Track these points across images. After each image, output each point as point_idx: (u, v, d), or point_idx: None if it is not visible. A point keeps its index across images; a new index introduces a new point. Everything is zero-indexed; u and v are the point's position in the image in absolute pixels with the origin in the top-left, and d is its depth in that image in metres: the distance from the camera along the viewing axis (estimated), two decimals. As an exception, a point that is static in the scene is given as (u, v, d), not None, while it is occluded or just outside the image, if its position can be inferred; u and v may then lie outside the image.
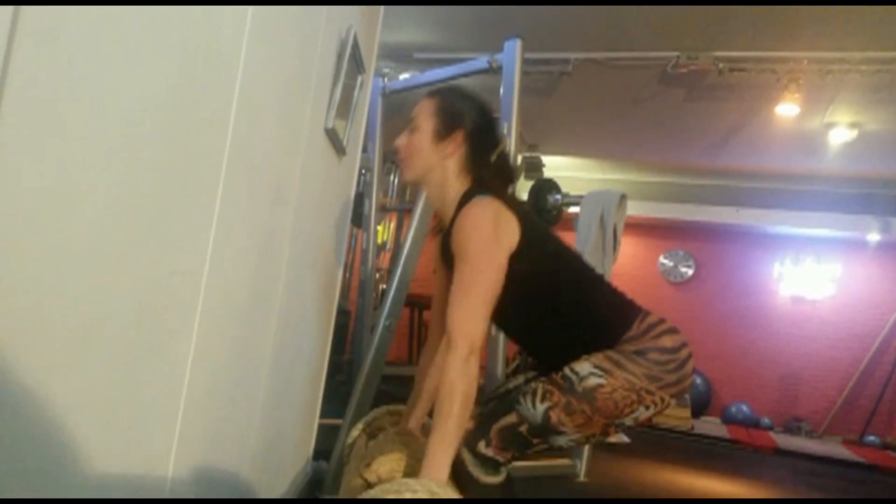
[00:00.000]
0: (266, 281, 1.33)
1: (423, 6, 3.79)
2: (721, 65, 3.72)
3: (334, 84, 1.60)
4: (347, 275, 5.66)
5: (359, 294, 3.58)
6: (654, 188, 7.02)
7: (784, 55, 3.64)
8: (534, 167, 6.27)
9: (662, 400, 1.35)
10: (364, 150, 3.35)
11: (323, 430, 2.45)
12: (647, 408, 1.35)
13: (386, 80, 3.30)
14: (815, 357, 7.10)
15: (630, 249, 7.67)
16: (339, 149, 1.80)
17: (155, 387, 0.88)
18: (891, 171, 5.59)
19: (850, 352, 7.05)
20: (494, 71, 2.91)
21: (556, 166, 6.60)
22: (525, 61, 4.16)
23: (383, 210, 4.57)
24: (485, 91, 2.62)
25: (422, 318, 7.51)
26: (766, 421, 6.87)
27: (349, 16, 1.68)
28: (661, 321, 1.41)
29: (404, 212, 6.01)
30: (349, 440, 1.66)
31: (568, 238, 2.85)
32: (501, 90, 2.91)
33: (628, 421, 1.36)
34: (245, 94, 0.99)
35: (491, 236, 1.33)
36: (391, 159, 6.21)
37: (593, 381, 1.31)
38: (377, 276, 4.87)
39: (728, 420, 6.78)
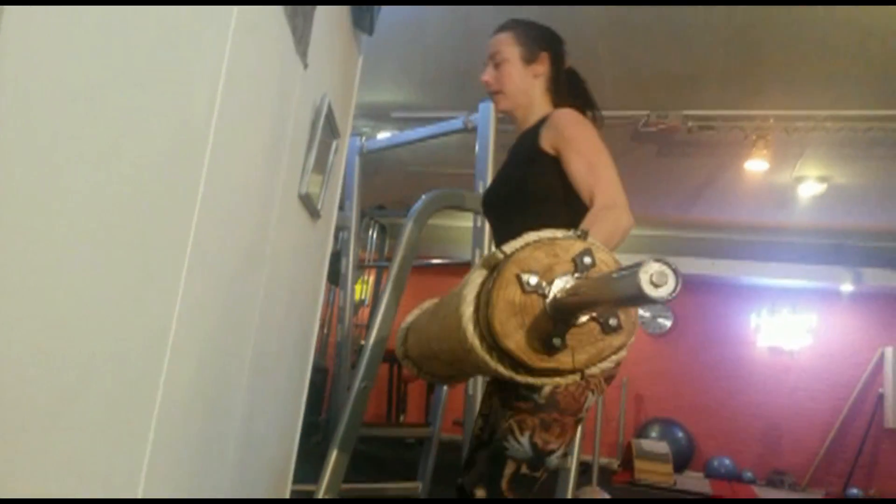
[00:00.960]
0: (234, 345, 1.30)
1: (400, 68, 3.87)
2: (690, 123, 3.82)
3: (308, 150, 1.61)
4: (325, 331, 5.60)
5: (336, 352, 3.54)
6: (632, 241, 7.03)
7: (750, 113, 3.75)
8: (511, 221, 6.33)
9: (600, 383, 1.36)
10: (341, 209, 3.37)
11: (296, 496, 2.38)
12: (593, 392, 1.35)
13: (363, 139, 3.33)
14: (795, 408, 7.10)
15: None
16: (313, 212, 1.81)
17: (115, 464, 0.85)
18: (859, 223, 5.71)
19: (829, 402, 7.06)
20: (469, 131, 2.96)
21: (533, 220, 6.66)
22: (501, 120, 4.28)
23: (361, 267, 4.56)
24: (462, 149, 2.66)
25: (401, 374, 7.42)
26: (748, 475, 6.81)
27: (324, 83, 1.70)
28: None
29: (383, 268, 6.01)
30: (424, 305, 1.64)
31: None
32: (476, 149, 2.96)
33: (581, 414, 1.36)
34: (215, 161, 0.99)
35: (590, 131, 1.43)
36: (370, 215, 6.23)
37: (547, 386, 1.28)
38: (356, 332, 4.83)
39: (711, 474, 6.72)
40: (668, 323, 7.55)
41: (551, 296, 0.97)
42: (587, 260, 0.98)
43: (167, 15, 0.83)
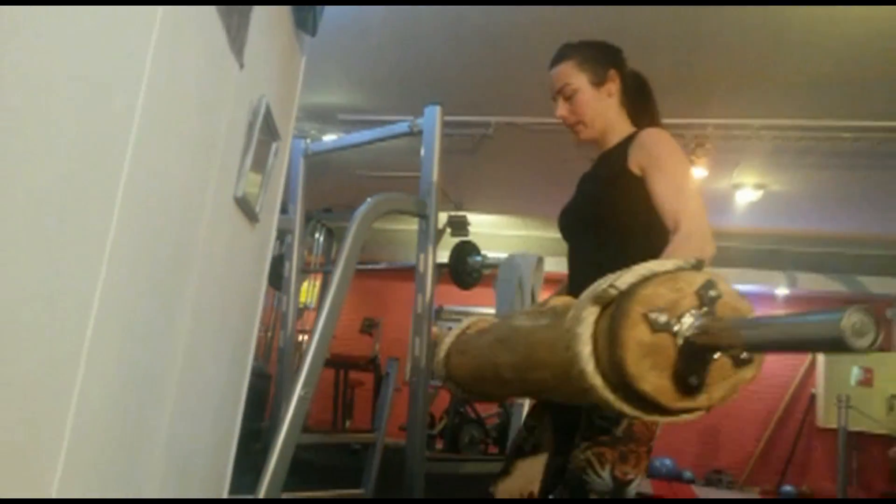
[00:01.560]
0: (160, 349, 1.26)
1: (346, 70, 3.83)
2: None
3: (244, 152, 1.56)
4: (269, 335, 5.50)
5: (278, 358, 3.47)
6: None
7: (691, 121, 3.84)
8: (459, 226, 6.34)
9: None
10: (284, 212, 3.30)
11: (234, 507, 2.32)
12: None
13: (308, 141, 3.27)
14: (733, 409, 7.30)
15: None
16: (251, 215, 1.76)
17: (27, 472, 0.81)
18: (794, 228, 5.93)
19: (765, 403, 7.30)
20: (415, 134, 2.94)
21: (481, 224, 6.69)
22: (447, 124, 4.25)
23: (307, 271, 4.48)
24: (410, 153, 2.64)
25: (347, 379, 7.33)
26: (688, 474, 6.98)
27: (262, 83, 1.66)
28: None
29: (329, 272, 5.92)
30: (462, 325, 1.63)
31: (488, 297, 2.86)
32: (422, 153, 2.94)
33: (652, 442, 1.36)
34: (137, 162, 0.95)
35: (679, 155, 1.43)
36: (316, 218, 6.15)
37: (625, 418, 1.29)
38: (299, 338, 4.75)
39: (652, 475, 6.85)
40: (613, 326, 7.67)
41: (683, 334, 0.92)
42: (713, 293, 0.95)
43: (86, 14, 0.79)
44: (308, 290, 6.28)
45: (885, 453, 6.41)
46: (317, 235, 6.34)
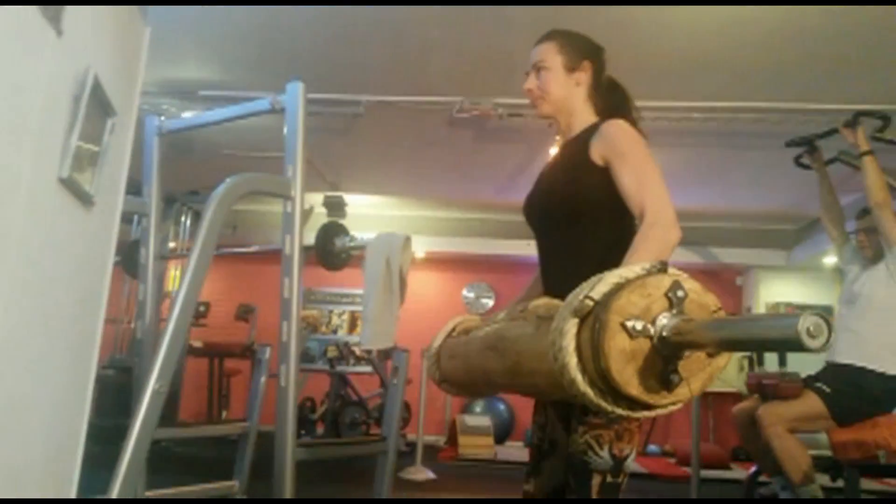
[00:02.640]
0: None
1: (207, 44, 3.63)
2: (500, 110, 3.95)
3: (70, 130, 1.43)
4: (133, 327, 5.18)
5: (136, 351, 3.26)
6: (455, 224, 7.27)
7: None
8: (336, 207, 6.23)
9: None
10: (138, 194, 3.10)
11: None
12: None
13: (163, 118, 3.07)
14: (604, 376, 7.71)
15: (435, 283, 7.86)
16: (83, 198, 1.62)
17: None
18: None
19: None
20: (277, 112, 2.83)
21: (359, 204, 6.61)
22: (317, 102, 4.15)
23: (166, 257, 4.24)
24: (279, 131, 2.54)
25: (223, 368, 7.06)
26: (563, 440, 7.31)
27: (88, 53, 1.52)
28: None
29: (198, 255, 5.64)
30: (446, 329, 1.69)
31: (358, 278, 2.81)
32: (285, 131, 2.83)
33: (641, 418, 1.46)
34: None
35: (641, 144, 1.48)
36: (182, 201, 5.83)
37: None
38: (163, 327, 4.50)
39: (529, 443, 7.12)
40: (491, 302, 7.87)
41: (658, 336, 1.01)
42: (680, 294, 1.03)
43: None
44: (175, 277, 5.98)
45: (735, 410, 6.99)
46: (183, 219, 6.02)
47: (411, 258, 2.64)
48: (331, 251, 2.66)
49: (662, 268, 1.08)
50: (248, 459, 3.49)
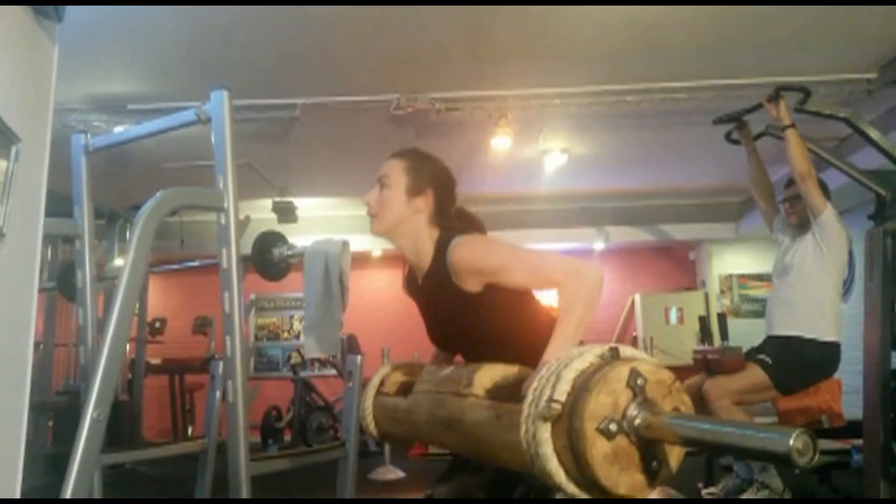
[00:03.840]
0: None
1: (133, 58, 3.54)
2: (438, 105, 3.94)
3: (-38, 161, 1.37)
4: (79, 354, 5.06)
5: (81, 376, 3.19)
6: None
7: (491, 94, 3.96)
8: (286, 211, 6.15)
9: None
10: (70, 216, 3.02)
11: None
12: None
13: (89, 136, 2.99)
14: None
15: (391, 281, 7.84)
16: (-11, 230, 1.56)
17: None
18: (601, 186, 6.36)
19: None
20: (204, 122, 2.77)
21: (310, 207, 6.55)
22: (251, 108, 4.09)
23: (104, 278, 4.14)
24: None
25: (184, 384, 6.94)
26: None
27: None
28: None
29: (146, 276, 5.52)
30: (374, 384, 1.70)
31: (301, 283, 2.78)
32: (213, 140, 2.78)
33: None
34: None
35: (498, 247, 1.52)
36: (125, 216, 5.69)
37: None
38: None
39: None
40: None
41: (632, 431, 1.04)
42: (640, 381, 1.06)
43: None
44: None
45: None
46: (129, 235, 5.88)
47: (351, 261, 2.62)
48: (269, 261, 2.63)
49: (614, 354, 1.11)
50: (208, 477, 3.44)
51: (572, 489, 1.07)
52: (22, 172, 1.74)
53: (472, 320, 1.56)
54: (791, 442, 0.83)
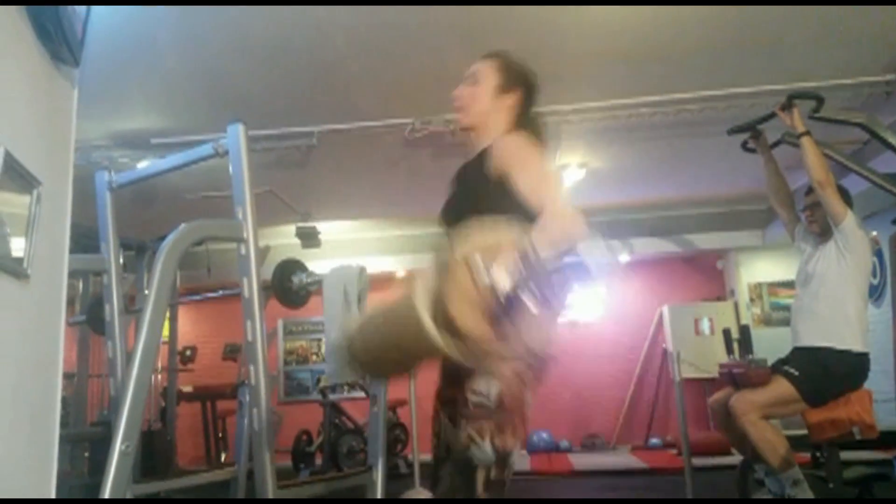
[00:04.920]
0: None
1: (153, 93, 3.64)
2: (452, 126, 3.97)
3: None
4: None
5: (112, 408, 3.25)
6: (430, 241, 7.27)
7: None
8: (309, 236, 6.22)
9: (533, 381, 1.52)
10: (97, 252, 3.10)
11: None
12: (527, 388, 1.50)
13: (112, 173, 3.07)
14: (598, 374, 7.71)
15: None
16: (14, 273, 1.61)
17: None
18: (619, 199, 6.33)
19: (625, 364, 7.77)
20: (221, 155, 2.83)
21: (333, 231, 6.61)
22: (269, 138, 4.17)
23: (132, 312, 4.21)
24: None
25: (215, 410, 7.01)
26: (565, 444, 7.29)
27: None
28: None
29: (177, 304, 5.61)
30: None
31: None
32: (231, 171, 2.84)
33: (525, 411, 1.51)
34: None
35: (532, 155, 1.58)
36: (152, 248, 5.81)
37: (494, 390, 1.45)
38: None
39: (532, 449, 7.09)
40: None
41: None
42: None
43: None
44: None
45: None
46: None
47: (374, 282, 2.65)
48: (289, 289, 2.67)
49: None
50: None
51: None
52: (45, 214, 1.79)
53: (472, 196, 1.63)
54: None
